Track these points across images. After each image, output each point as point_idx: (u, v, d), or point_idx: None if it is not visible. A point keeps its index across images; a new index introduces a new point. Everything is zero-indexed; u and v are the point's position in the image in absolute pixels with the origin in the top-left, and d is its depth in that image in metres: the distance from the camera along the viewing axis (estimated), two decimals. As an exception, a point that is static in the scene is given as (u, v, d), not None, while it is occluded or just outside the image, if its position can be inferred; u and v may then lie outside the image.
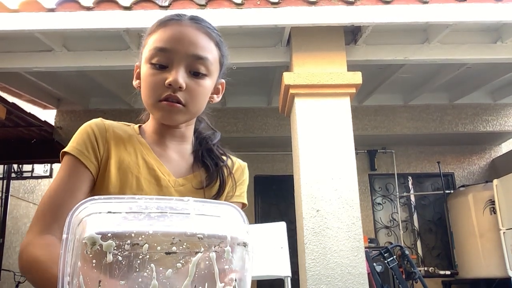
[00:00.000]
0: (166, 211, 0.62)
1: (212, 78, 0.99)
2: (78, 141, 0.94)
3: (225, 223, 0.65)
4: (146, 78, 0.94)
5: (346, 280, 3.12)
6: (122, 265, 0.57)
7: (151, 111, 0.98)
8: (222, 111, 5.62)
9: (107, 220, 0.60)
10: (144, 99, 0.96)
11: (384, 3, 3.45)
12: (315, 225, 3.24)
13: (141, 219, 0.61)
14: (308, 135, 3.44)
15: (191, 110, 0.95)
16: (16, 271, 6.54)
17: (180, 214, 0.63)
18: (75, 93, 5.42)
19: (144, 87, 0.95)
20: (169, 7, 3.47)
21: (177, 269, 0.59)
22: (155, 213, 0.62)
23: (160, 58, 0.92)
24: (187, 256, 0.59)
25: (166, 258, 0.59)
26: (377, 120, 5.74)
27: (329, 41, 3.71)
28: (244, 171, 1.10)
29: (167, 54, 0.92)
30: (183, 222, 0.62)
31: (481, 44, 3.90)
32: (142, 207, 0.62)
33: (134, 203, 0.63)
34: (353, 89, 3.56)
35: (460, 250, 5.53)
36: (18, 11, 3.42)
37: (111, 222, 0.60)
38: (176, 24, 0.95)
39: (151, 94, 0.93)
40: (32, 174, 7.41)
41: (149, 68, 0.94)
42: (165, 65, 0.92)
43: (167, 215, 0.62)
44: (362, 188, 5.82)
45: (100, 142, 0.95)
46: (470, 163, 6.25)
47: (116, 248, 0.57)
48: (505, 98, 5.64)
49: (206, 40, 0.96)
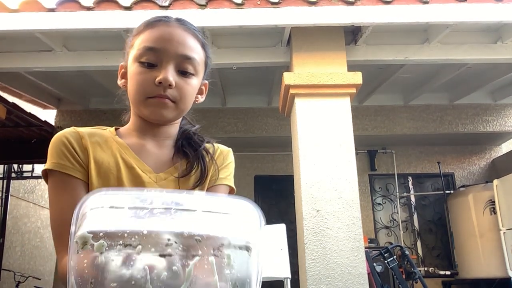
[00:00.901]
0: (171, 207, 0.59)
1: (199, 78, 1.01)
2: (58, 155, 0.93)
3: (230, 223, 0.61)
4: (135, 76, 0.96)
5: (346, 280, 3.12)
6: (114, 266, 0.54)
7: (139, 108, 0.98)
8: (222, 111, 5.63)
9: (106, 217, 0.58)
10: (133, 97, 0.97)
11: (384, 3, 3.45)
12: (315, 225, 3.24)
13: (141, 216, 0.58)
14: (308, 135, 3.44)
15: (180, 107, 0.97)
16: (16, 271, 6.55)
17: (185, 211, 0.59)
18: (75, 93, 5.41)
19: (132, 85, 0.96)
20: (169, 7, 3.47)
21: (173, 272, 0.56)
22: (159, 209, 0.58)
23: (149, 57, 0.94)
24: (184, 259, 0.56)
25: (161, 260, 0.55)
26: (377, 120, 5.74)
27: (329, 41, 3.71)
28: (227, 156, 1.09)
29: (156, 53, 0.94)
30: (184, 221, 0.58)
31: (481, 44, 3.90)
32: (147, 202, 0.59)
33: (140, 197, 0.60)
34: (353, 89, 3.56)
35: (460, 250, 5.53)
36: (18, 11, 3.42)
37: (108, 219, 0.57)
38: (164, 24, 0.97)
39: (141, 91, 0.95)
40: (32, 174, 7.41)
41: (137, 66, 0.95)
42: (154, 64, 0.94)
43: (171, 211, 0.58)
44: (362, 188, 5.82)
45: (79, 150, 0.94)
46: (470, 163, 6.25)
47: (108, 248, 0.54)
48: (505, 98, 5.64)
49: (194, 41, 0.98)
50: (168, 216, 0.58)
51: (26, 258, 7.85)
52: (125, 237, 0.55)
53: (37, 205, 8.39)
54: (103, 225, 0.56)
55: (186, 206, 0.60)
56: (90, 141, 0.96)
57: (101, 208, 0.58)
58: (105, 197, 0.60)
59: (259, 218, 0.63)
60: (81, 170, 0.93)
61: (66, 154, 0.93)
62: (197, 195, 0.64)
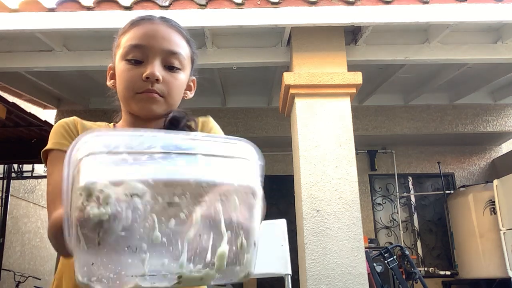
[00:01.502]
0: (170, 150, 0.58)
1: (186, 73, 1.03)
2: (56, 137, 0.98)
3: (234, 167, 0.61)
4: (122, 74, 0.98)
5: (346, 280, 3.12)
6: (122, 216, 0.54)
7: (128, 104, 1.00)
8: (222, 111, 5.63)
9: (105, 164, 0.56)
10: (121, 94, 1.00)
11: (385, 3, 3.45)
12: (315, 226, 3.24)
13: (142, 162, 0.56)
14: (308, 135, 3.44)
15: (168, 101, 0.99)
16: (16, 271, 6.55)
17: (186, 155, 0.59)
18: (75, 93, 5.42)
19: (121, 82, 0.99)
20: (169, 7, 3.47)
21: (181, 219, 0.56)
22: (159, 153, 0.57)
23: (135, 54, 0.97)
24: (191, 206, 0.57)
25: (168, 208, 0.56)
26: (377, 120, 5.74)
27: (329, 41, 3.71)
28: (208, 122, 1.09)
29: (142, 49, 0.96)
30: (187, 166, 0.58)
31: (482, 44, 3.90)
32: (145, 146, 0.58)
33: (137, 139, 0.59)
34: (353, 89, 3.56)
35: (460, 251, 5.53)
36: (18, 10, 3.42)
37: (109, 167, 0.56)
38: (148, 22, 1.00)
39: (129, 87, 0.97)
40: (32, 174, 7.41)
41: (124, 64, 0.98)
42: (141, 60, 0.96)
43: (172, 156, 0.58)
44: (362, 188, 5.82)
45: (75, 132, 1.00)
46: (470, 163, 6.25)
47: (114, 199, 0.54)
48: (506, 98, 5.64)
49: (178, 37, 1.01)
50: (171, 162, 0.57)
51: (26, 258, 7.85)
52: (130, 186, 0.54)
53: (37, 205, 8.39)
54: (105, 174, 0.55)
55: (187, 150, 0.59)
56: (85, 128, 1.02)
57: (99, 155, 0.57)
58: (99, 139, 0.58)
59: (259, 157, 0.64)
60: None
61: (64, 135, 0.99)
62: (196, 136, 0.62)
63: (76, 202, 0.55)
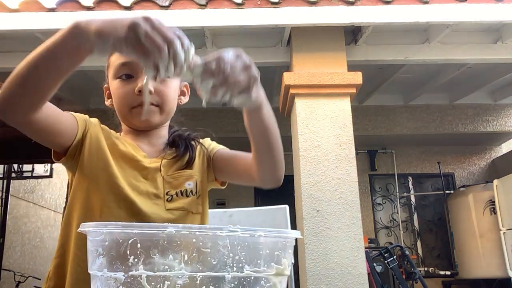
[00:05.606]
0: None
1: (177, 80, 1.07)
2: (83, 116, 1.05)
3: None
4: (116, 91, 1.03)
5: (346, 280, 3.12)
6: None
7: (126, 119, 1.05)
8: (222, 111, 5.63)
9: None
10: (119, 110, 1.05)
11: (384, 3, 3.45)
12: (315, 226, 3.24)
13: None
14: (308, 135, 3.44)
15: (164, 110, 1.04)
16: (16, 271, 6.55)
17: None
18: (75, 93, 5.41)
19: (116, 100, 1.04)
20: (170, 7, 3.47)
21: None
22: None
23: (125, 71, 1.01)
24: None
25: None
26: (377, 120, 5.73)
27: (329, 41, 3.71)
28: (205, 140, 1.16)
29: (130, 65, 1.00)
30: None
31: (482, 44, 3.90)
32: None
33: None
34: (353, 89, 3.56)
35: (460, 250, 5.53)
36: (18, 10, 3.42)
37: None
38: None
39: (124, 103, 1.02)
40: (32, 174, 7.42)
41: (117, 82, 1.03)
42: (131, 75, 1.01)
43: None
44: (362, 188, 5.81)
45: (88, 128, 1.03)
46: (470, 163, 6.25)
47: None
48: (506, 98, 5.63)
49: None
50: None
51: (26, 258, 7.85)
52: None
53: (37, 205, 8.39)
54: None
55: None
56: (97, 128, 1.06)
57: None
58: None
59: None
60: (81, 128, 1.00)
61: (85, 121, 1.03)
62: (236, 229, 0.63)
63: None
